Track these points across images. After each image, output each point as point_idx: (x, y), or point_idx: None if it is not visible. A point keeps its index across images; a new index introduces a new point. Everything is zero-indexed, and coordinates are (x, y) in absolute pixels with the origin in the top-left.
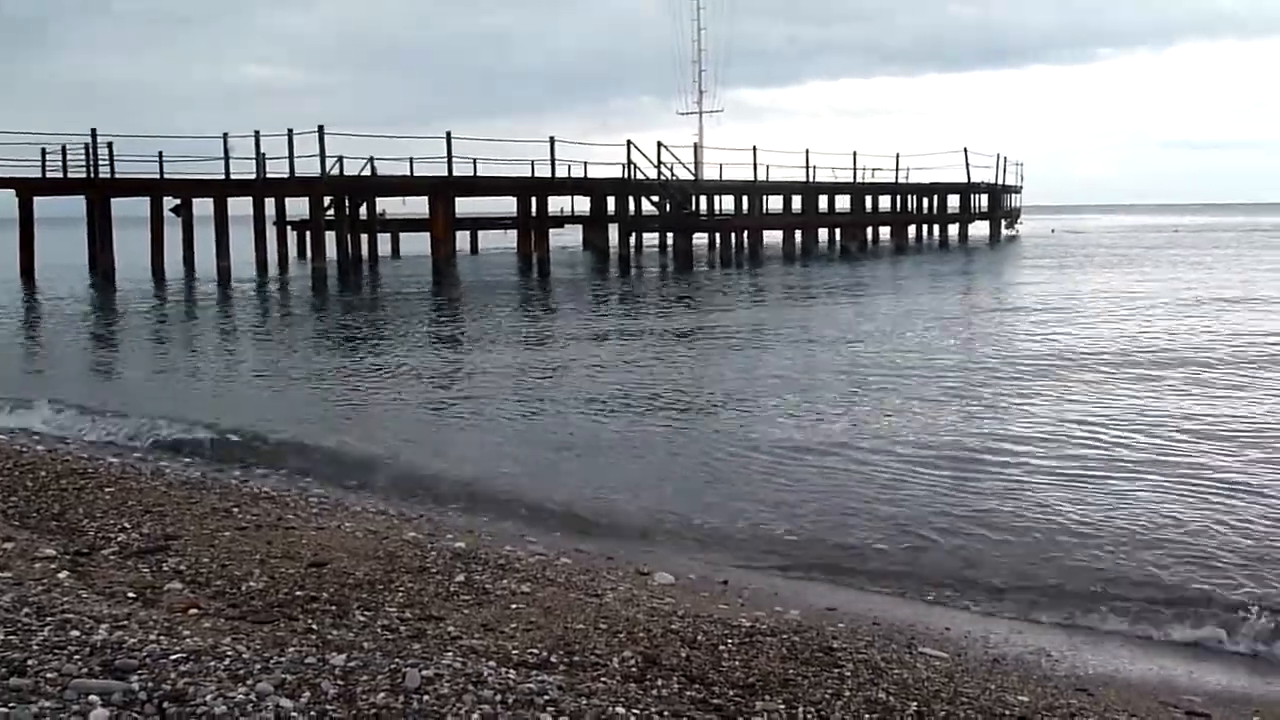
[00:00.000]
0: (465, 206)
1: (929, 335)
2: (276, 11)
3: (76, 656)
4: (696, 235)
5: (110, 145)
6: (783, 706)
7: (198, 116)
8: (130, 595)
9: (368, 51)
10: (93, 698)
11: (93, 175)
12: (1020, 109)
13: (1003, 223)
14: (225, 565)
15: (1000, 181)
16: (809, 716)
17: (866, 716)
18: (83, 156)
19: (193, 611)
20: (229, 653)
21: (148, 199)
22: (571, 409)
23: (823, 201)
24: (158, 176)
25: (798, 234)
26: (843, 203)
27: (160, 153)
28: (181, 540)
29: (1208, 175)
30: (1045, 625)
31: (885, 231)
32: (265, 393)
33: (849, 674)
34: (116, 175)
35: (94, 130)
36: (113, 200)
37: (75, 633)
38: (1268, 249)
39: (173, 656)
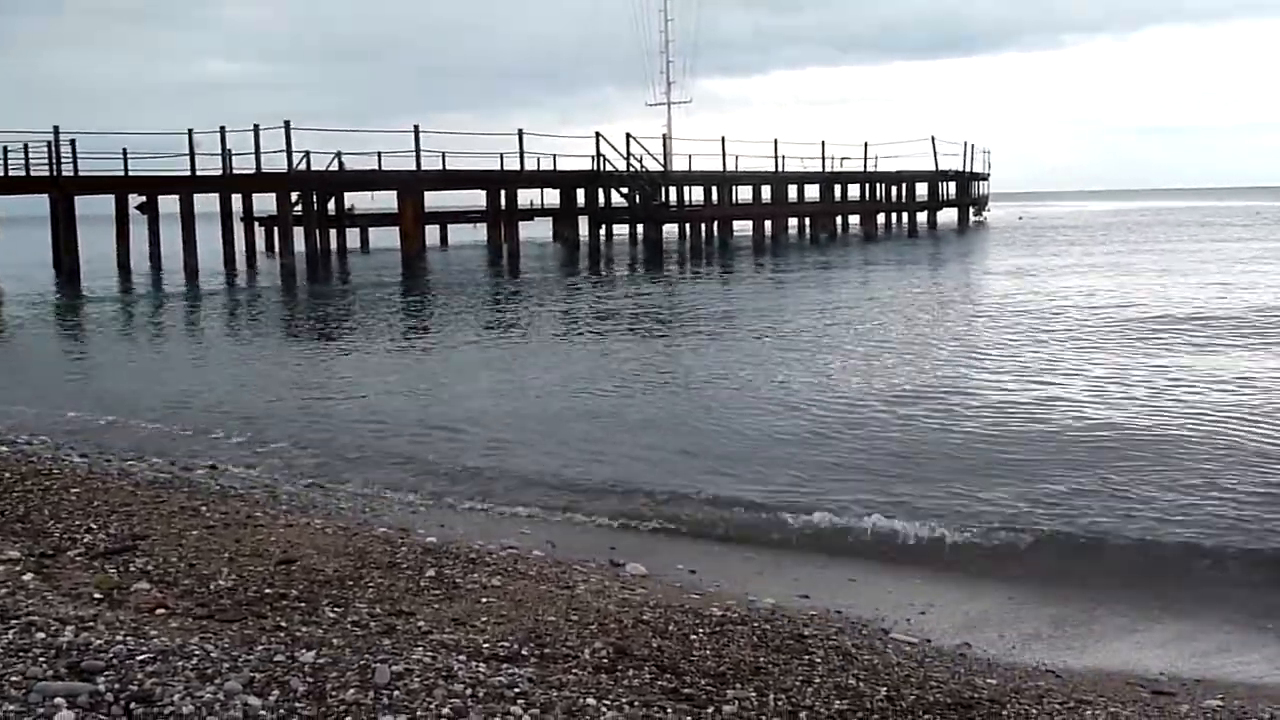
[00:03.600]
0: (434, 200)
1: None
2: (240, 6)
3: (42, 659)
4: (666, 226)
5: (73, 143)
6: (754, 694)
7: (162, 113)
8: (97, 596)
9: (332, 45)
10: (58, 700)
11: (56, 174)
12: (987, 96)
13: (970, 210)
14: (193, 564)
15: (968, 169)
16: (780, 703)
17: (837, 702)
18: (45, 154)
19: (160, 611)
20: (197, 652)
21: (112, 197)
22: (541, 396)
23: (792, 191)
24: (122, 174)
25: (767, 224)
26: (812, 192)
27: (124, 150)
28: (149, 540)
29: (1170, 160)
30: (1016, 608)
31: (854, 220)
32: (233, 390)
33: (820, 660)
34: (80, 173)
35: (56, 128)
36: (77, 198)
37: (41, 635)
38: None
39: (140, 657)
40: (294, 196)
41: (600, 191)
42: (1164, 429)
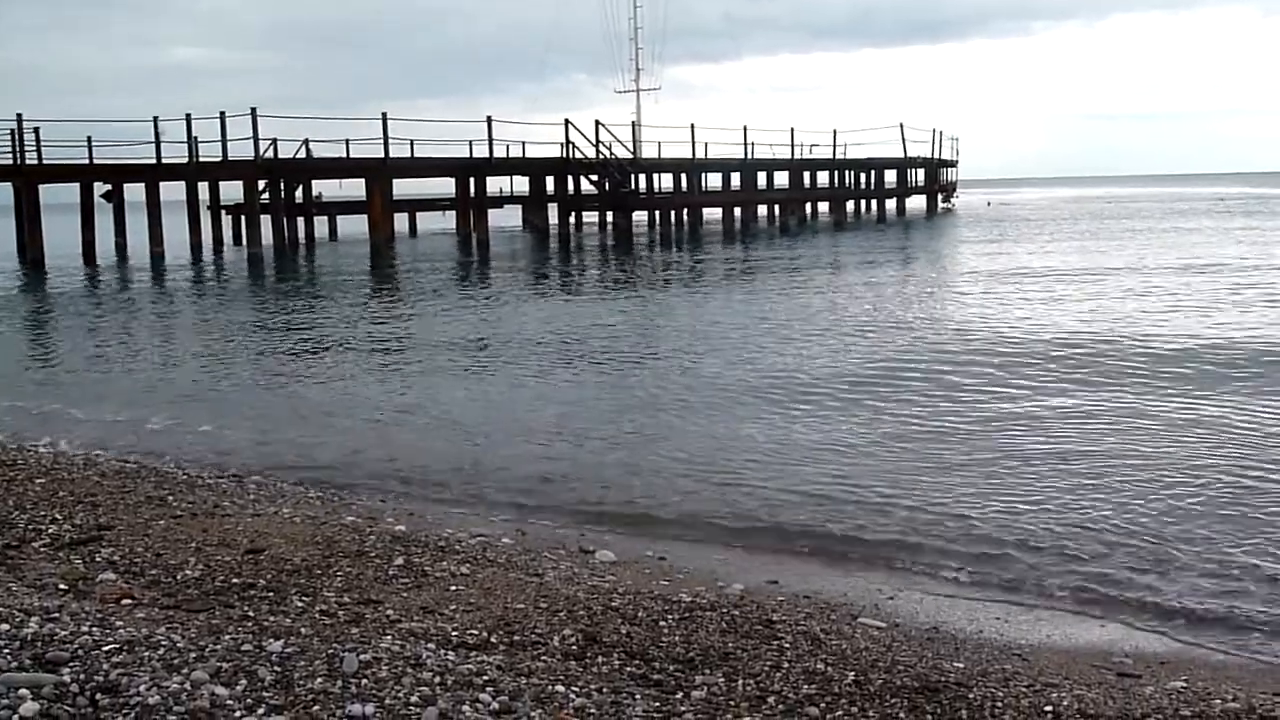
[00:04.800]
0: (403, 188)
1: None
2: None
3: (6, 650)
4: (636, 213)
5: (37, 130)
6: (722, 679)
7: (129, 100)
8: (62, 587)
9: (299, 32)
10: (23, 691)
11: (19, 162)
12: (956, 83)
13: (939, 196)
14: (160, 554)
15: (936, 156)
16: (748, 688)
17: (805, 687)
18: (9, 142)
19: (126, 602)
20: (163, 642)
21: (77, 185)
22: (511, 386)
23: (761, 178)
24: (87, 162)
25: (737, 211)
26: (781, 179)
27: (89, 138)
28: (115, 530)
29: (1138, 147)
30: (984, 595)
31: (824, 207)
32: (199, 380)
33: (788, 646)
34: (45, 162)
35: (20, 115)
36: (41, 187)
37: (5, 626)
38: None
39: (105, 648)
40: (261, 184)
41: (570, 179)
42: (1127, 429)
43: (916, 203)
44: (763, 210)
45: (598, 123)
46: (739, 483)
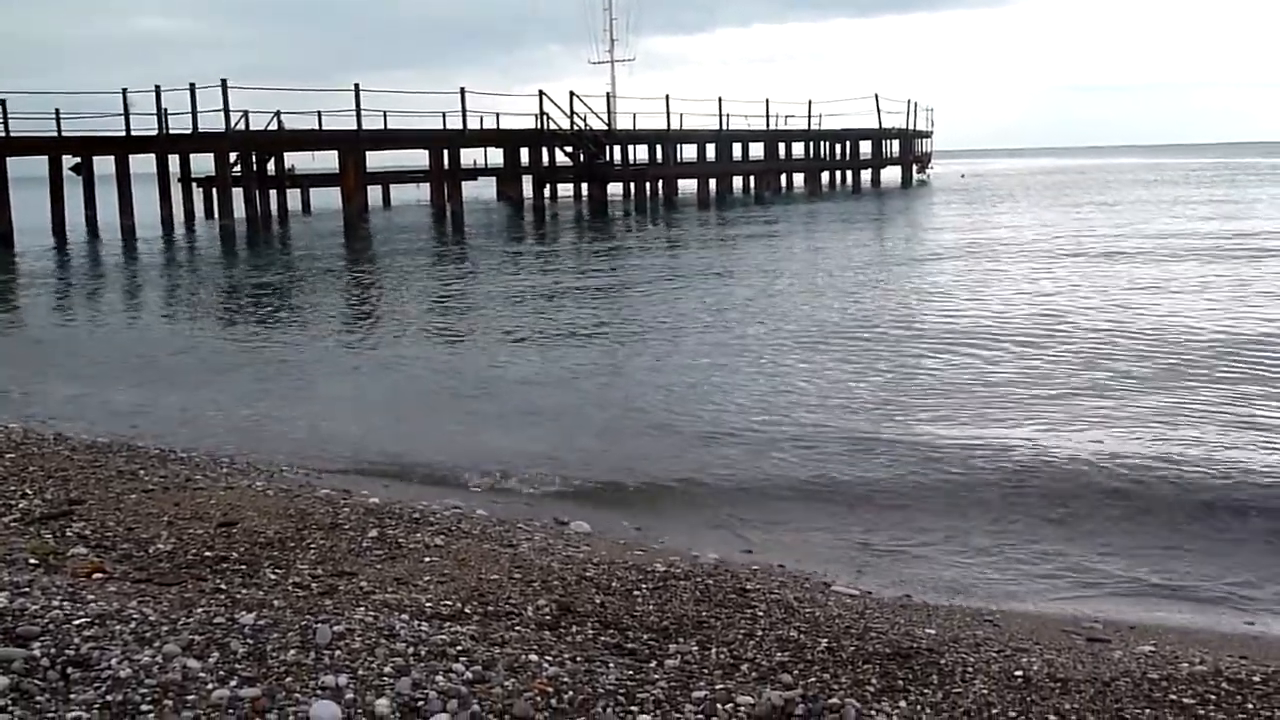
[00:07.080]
0: (376, 160)
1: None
2: None
3: None
4: (611, 185)
5: (4, 102)
6: (696, 648)
7: (96, 71)
8: (32, 562)
9: (272, 3)
10: None
11: None
12: (931, 54)
13: (914, 167)
14: (131, 528)
15: (911, 127)
16: (721, 656)
17: (778, 654)
18: None
19: (98, 576)
20: (135, 616)
21: (45, 158)
22: (484, 358)
23: (736, 149)
24: (55, 135)
25: (712, 182)
26: (756, 150)
27: (57, 110)
28: (86, 505)
29: (1112, 117)
30: (956, 559)
31: (799, 178)
32: (169, 356)
33: (762, 614)
34: (11, 134)
35: None
36: (8, 160)
37: None
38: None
39: (76, 621)
40: (232, 157)
41: (544, 151)
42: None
43: (892, 174)
44: (738, 182)
45: (572, 94)
46: (715, 453)
